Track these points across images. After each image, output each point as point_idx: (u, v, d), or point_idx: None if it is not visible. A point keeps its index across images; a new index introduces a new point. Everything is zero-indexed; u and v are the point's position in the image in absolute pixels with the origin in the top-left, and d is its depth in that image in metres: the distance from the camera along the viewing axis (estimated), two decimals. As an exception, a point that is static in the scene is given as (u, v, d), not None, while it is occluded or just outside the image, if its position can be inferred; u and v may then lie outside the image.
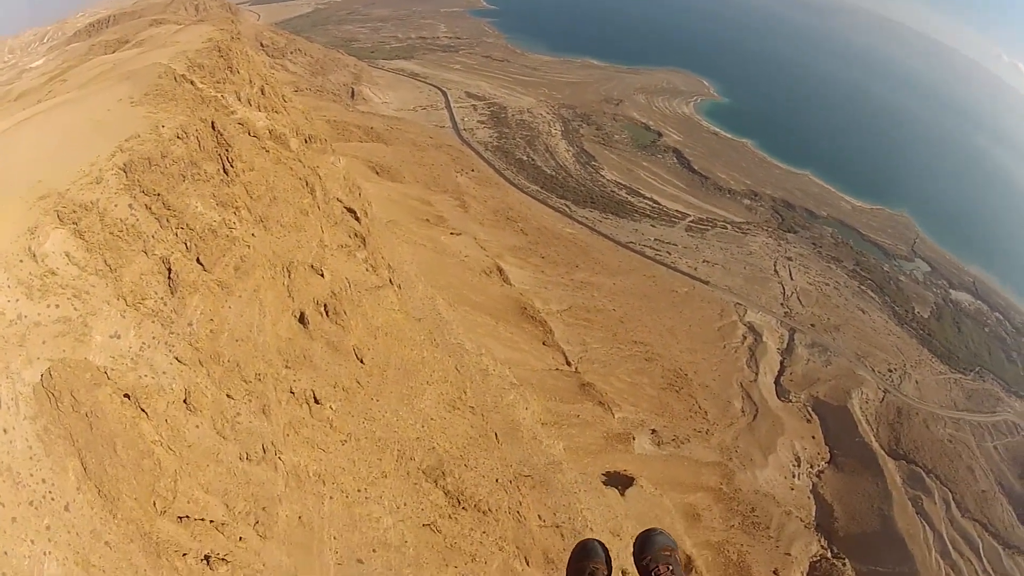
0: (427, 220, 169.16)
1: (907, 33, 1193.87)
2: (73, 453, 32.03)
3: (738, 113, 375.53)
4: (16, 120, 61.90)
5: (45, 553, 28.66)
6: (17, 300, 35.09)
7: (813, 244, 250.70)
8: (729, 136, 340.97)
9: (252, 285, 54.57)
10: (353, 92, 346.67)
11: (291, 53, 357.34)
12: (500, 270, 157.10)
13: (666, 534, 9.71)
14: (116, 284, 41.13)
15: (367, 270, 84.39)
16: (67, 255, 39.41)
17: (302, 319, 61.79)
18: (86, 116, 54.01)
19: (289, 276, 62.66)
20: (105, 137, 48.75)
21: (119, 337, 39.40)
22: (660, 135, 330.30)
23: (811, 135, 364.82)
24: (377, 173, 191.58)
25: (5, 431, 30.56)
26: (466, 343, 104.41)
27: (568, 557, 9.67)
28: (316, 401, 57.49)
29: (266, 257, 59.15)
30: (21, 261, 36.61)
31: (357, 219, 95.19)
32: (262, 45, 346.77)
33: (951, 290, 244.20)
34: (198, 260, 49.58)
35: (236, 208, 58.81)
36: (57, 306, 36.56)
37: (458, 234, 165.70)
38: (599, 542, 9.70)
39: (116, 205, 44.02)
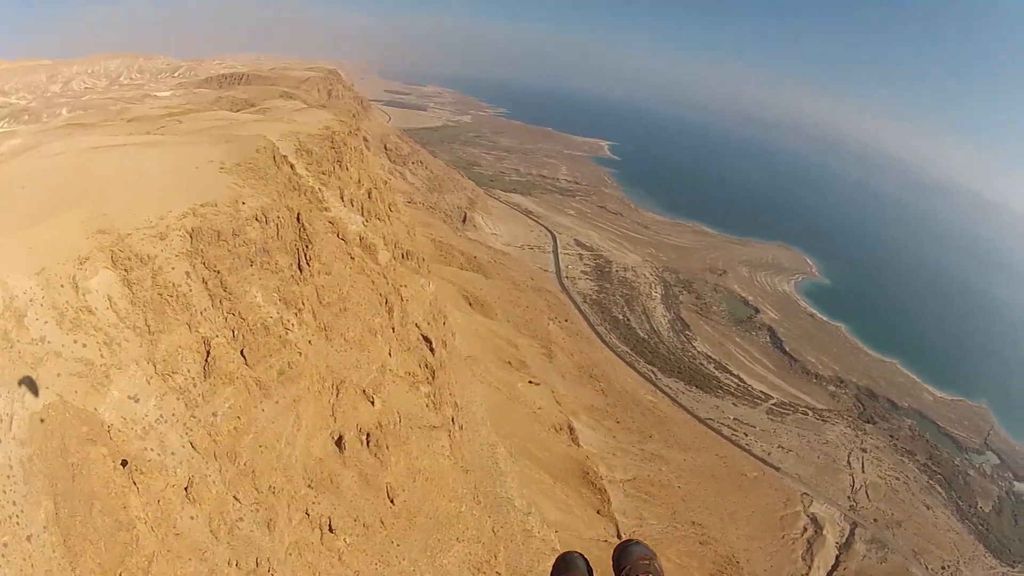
0: (509, 363, 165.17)
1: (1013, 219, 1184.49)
2: (50, 495, 30.01)
3: (837, 295, 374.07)
4: (111, 142, 62.53)
5: (-6, 564, 26.61)
6: (45, 322, 34.05)
7: (890, 436, 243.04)
8: (824, 319, 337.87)
9: (293, 394, 51.26)
10: (465, 217, 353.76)
11: (412, 164, 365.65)
12: (571, 429, 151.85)
13: (643, 544, 9.19)
14: (151, 347, 39.41)
15: (427, 406, 79.91)
16: (110, 299, 38.27)
17: (339, 443, 57.95)
18: (172, 166, 53.78)
19: (337, 395, 59.41)
20: (183, 194, 48.00)
21: (137, 401, 37.53)
22: (757, 311, 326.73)
23: (905, 322, 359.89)
24: (470, 304, 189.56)
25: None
26: (516, 499, 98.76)
27: (550, 571, 9.21)
28: (331, 529, 53.51)
29: (317, 369, 56.28)
30: (62, 286, 35.67)
31: (432, 350, 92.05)
32: (386, 148, 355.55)
33: (1015, 482, 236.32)
34: (242, 352, 47.06)
35: (299, 310, 56.10)
36: (84, 345, 35.25)
37: (537, 384, 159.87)
38: (580, 555, 9.36)
39: (173, 268, 42.66)
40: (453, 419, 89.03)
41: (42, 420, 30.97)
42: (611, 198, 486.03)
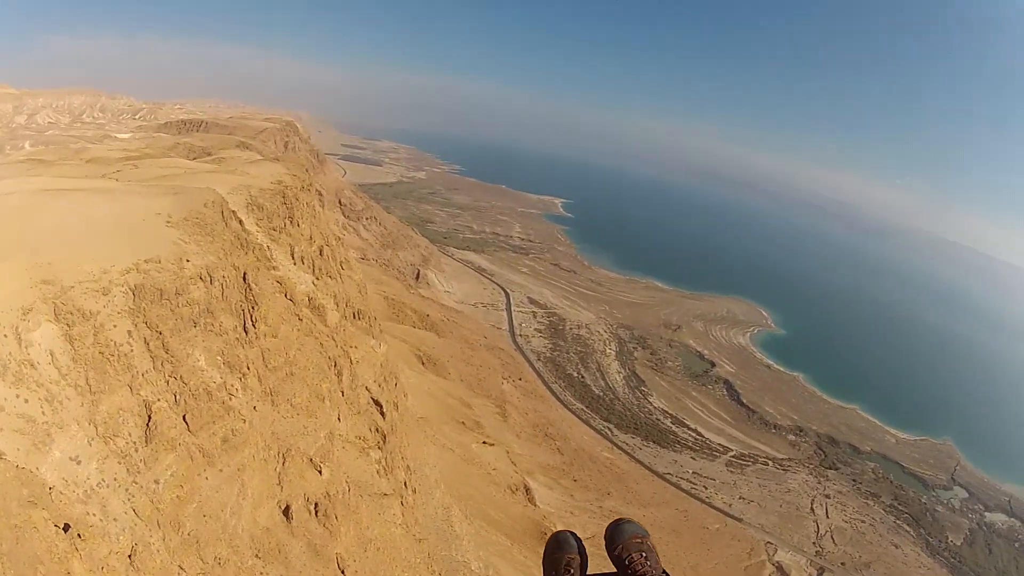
0: (463, 423, 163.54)
1: (965, 253, 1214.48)
2: None
3: (793, 345, 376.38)
4: (62, 186, 61.59)
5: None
6: None
7: (853, 480, 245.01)
8: (781, 369, 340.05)
9: (238, 462, 49.11)
10: (419, 274, 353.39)
11: (366, 220, 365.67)
12: (527, 489, 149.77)
13: (635, 523, 9.13)
14: (92, 408, 37.27)
15: (378, 472, 77.70)
16: (52, 355, 36.23)
17: (287, 512, 55.51)
18: (119, 216, 52.00)
19: (283, 463, 57.17)
20: (127, 247, 46.04)
21: (79, 463, 35.36)
22: (713, 365, 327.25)
23: (863, 367, 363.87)
24: (423, 363, 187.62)
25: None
26: (473, 563, 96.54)
27: (543, 551, 9.20)
28: (280, 601, 50.07)
29: (262, 437, 54.20)
30: (6, 336, 34.02)
31: (383, 414, 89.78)
32: (340, 203, 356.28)
33: (986, 513, 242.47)
34: (184, 418, 44.74)
35: (244, 374, 53.65)
36: (26, 401, 33.34)
37: (491, 444, 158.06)
38: (572, 533, 9.29)
39: (115, 326, 40.65)
40: (406, 483, 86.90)
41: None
42: (564, 255, 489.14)
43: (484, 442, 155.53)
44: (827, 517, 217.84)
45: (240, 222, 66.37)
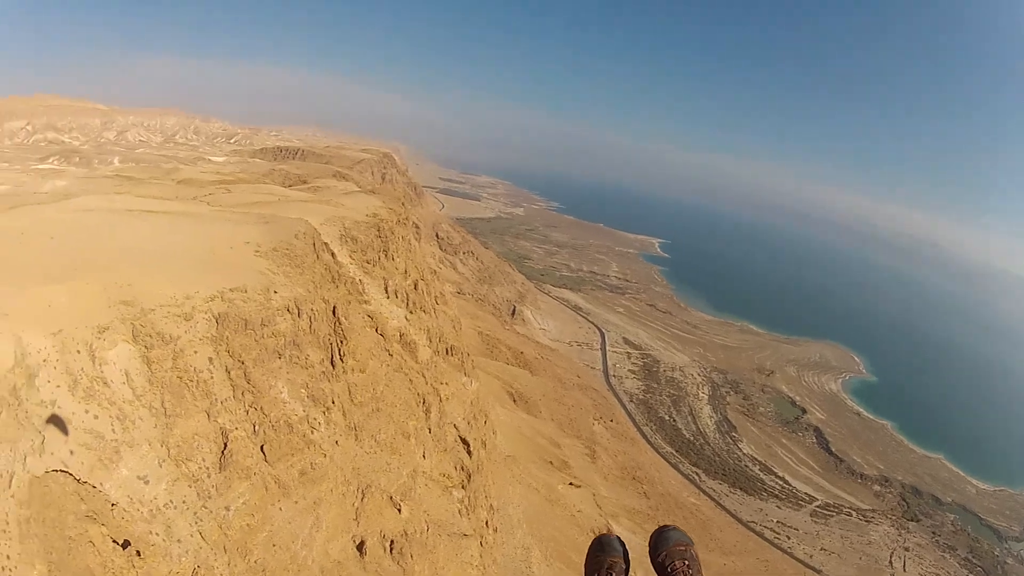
0: (550, 463, 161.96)
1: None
2: (44, 561, 28.06)
3: (884, 392, 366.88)
4: (146, 207, 62.40)
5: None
6: (57, 386, 32.59)
7: (932, 533, 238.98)
8: (871, 417, 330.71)
9: (315, 495, 48.62)
10: (514, 310, 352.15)
11: (463, 254, 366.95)
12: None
13: (680, 530, 9.35)
14: (165, 431, 37.48)
15: (459, 512, 75.67)
16: (127, 374, 36.53)
17: (360, 547, 54.28)
18: (205, 242, 52.26)
19: (362, 499, 56.33)
20: (213, 275, 46.29)
21: (147, 483, 35.64)
22: (804, 412, 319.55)
23: (951, 415, 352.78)
24: (514, 401, 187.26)
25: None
26: None
27: (585, 553, 9.39)
28: (348, 636, 48.92)
29: (343, 472, 53.52)
30: (79, 352, 34.20)
31: (469, 452, 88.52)
32: (438, 236, 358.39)
33: None
34: (262, 448, 44.78)
35: (328, 408, 53.00)
36: (96, 417, 33.71)
37: (578, 486, 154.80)
38: (617, 537, 9.49)
39: (196, 352, 40.65)
40: (487, 522, 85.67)
41: (41, 488, 29.66)
42: (661, 296, 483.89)
43: (571, 483, 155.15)
44: (904, 571, 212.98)
45: (332, 254, 66.84)
